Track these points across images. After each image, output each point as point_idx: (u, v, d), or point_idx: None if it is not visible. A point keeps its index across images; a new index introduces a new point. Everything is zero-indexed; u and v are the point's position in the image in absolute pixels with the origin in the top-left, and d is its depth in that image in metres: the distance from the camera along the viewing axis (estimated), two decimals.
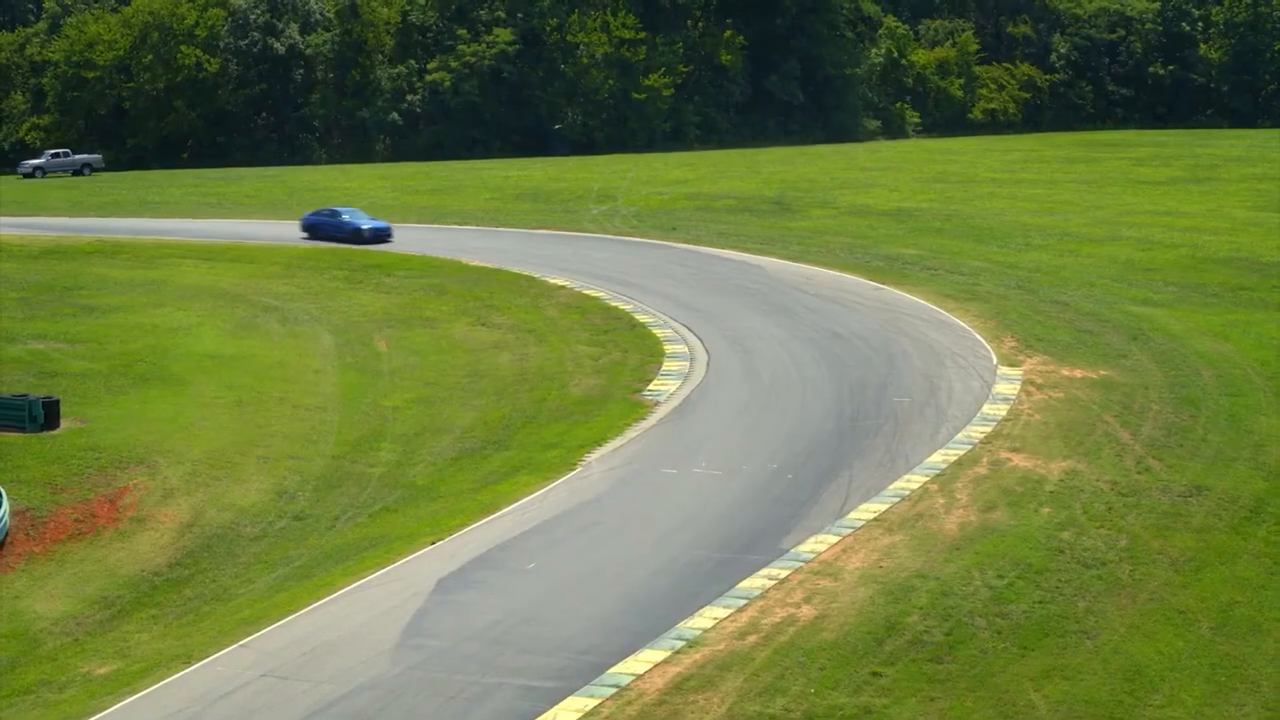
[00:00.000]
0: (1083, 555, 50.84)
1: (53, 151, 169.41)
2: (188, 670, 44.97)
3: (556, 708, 41.15)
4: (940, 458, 59.51)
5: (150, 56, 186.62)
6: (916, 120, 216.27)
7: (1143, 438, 61.53)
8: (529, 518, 55.17)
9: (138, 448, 63.04)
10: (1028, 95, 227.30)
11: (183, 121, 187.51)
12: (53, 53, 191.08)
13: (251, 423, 67.01)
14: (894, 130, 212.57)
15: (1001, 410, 64.80)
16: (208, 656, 45.60)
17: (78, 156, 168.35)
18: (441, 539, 53.67)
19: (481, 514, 55.88)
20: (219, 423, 66.70)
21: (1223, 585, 49.19)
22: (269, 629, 47.41)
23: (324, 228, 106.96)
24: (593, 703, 41.59)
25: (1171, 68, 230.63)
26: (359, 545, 54.77)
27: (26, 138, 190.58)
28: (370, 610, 48.39)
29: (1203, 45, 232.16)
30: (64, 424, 64.60)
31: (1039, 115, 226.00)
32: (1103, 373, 69.78)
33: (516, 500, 56.97)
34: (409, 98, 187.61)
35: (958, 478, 57.24)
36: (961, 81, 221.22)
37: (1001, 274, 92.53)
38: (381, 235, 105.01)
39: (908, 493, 55.99)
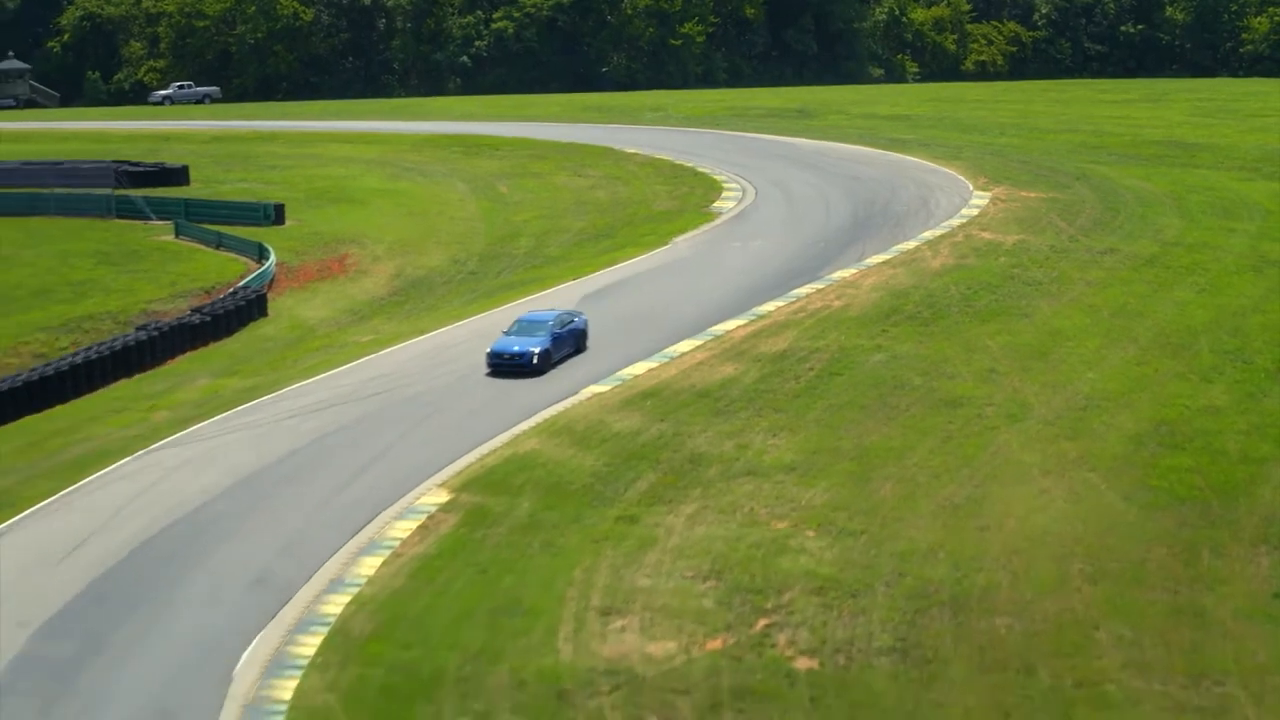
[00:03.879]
0: (1026, 279, 71.70)
1: (178, 84, 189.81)
2: (421, 338, 65.89)
3: (674, 345, 62.22)
4: (929, 234, 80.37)
5: (253, 8, 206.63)
6: (915, 69, 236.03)
7: (1076, 225, 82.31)
8: (638, 268, 76.06)
9: (346, 235, 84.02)
10: (1013, 49, 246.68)
11: (280, 64, 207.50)
12: (167, 4, 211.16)
13: (423, 225, 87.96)
14: (895, 78, 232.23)
15: (974, 212, 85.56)
16: (433, 331, 66.64)
17: (199, 89, 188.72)
18: (579, 277, 74.71)
19: (603, 267, 76.75)
20: (399, 224, 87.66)
21: (1120, 295, 69.99)
22: (470, 319, 68.36)
23: None
24: (700, 341, 62.67)
25: (1141, 27, 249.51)
26: (519, 284, 75.77)
27: (144, 79, 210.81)
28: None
29: (1169, 8, 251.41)
30: (288, 222, 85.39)
31: (1023, 68, 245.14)
32: (1051, 195, 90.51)
33: (627, 260, 77.81)
34: (476, 43, 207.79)
35: (941, 243, 78.15)
36: (955, 37, 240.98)
37: (980, 149, 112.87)
38: None
39: (905, 250, 76.84)
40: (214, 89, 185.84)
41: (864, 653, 40.39)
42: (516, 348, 59.10)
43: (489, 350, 59.15)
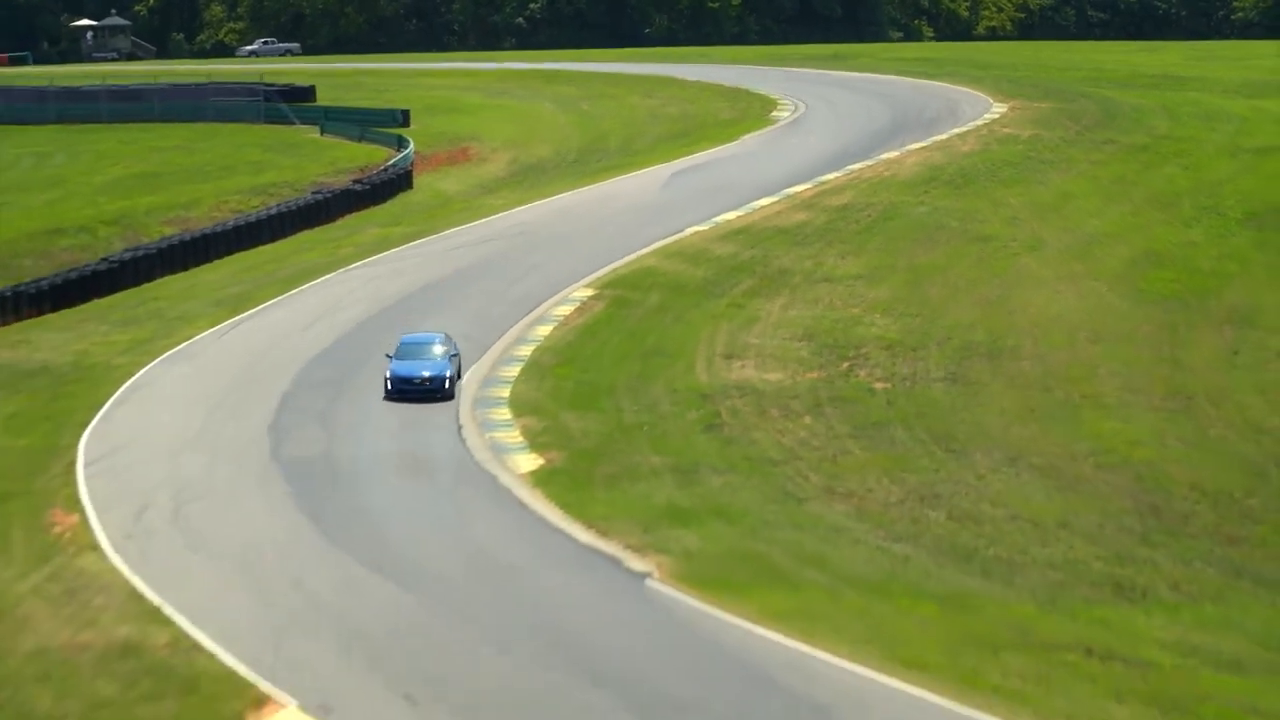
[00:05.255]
0: (1040, 159, 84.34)
1: (263, 40, 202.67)
2: (546, 200, 78.81)
3: (754, 201, 74.94)
4: (958, 130, 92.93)
5: None
6: (931, 34, 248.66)
7: (1080, 124, 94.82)
8: (715, 156, 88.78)
9: (464, 134, 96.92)
10: (1022, 16, 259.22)
11: (350, 25, 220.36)
12: None
13: (524, 128, 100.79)
14: (913, 41, 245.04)
15: (995, 116, 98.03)
16: (555, 196, 79.45)
17: (281, 44, 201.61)
18: (667, 162, 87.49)
19: (685, 155, 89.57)
20: (505, 127, 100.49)
21: (1118, 170, 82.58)
22: (586, 188, 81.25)
23: None
24: (776, 198, 75.51)
25: None
26: (616, 167, 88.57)
27: (224, 39, 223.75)
28: (637, 184, 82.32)
29: None
30: (413, 125, 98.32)
31: (1030, 33, 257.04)
32: (1060, 105, 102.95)
33: (704, 151, 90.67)
34: (531, 5, 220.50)
35: (968, 135, 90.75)
36: (968, 4, 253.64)
37: (997, 78, 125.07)
38: None
39: (939, 140, 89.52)
40: (295, 45, 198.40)
41: (924, 380, 53.16)
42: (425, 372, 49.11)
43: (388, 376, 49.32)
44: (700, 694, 28.29)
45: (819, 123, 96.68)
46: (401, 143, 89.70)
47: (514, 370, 51.97)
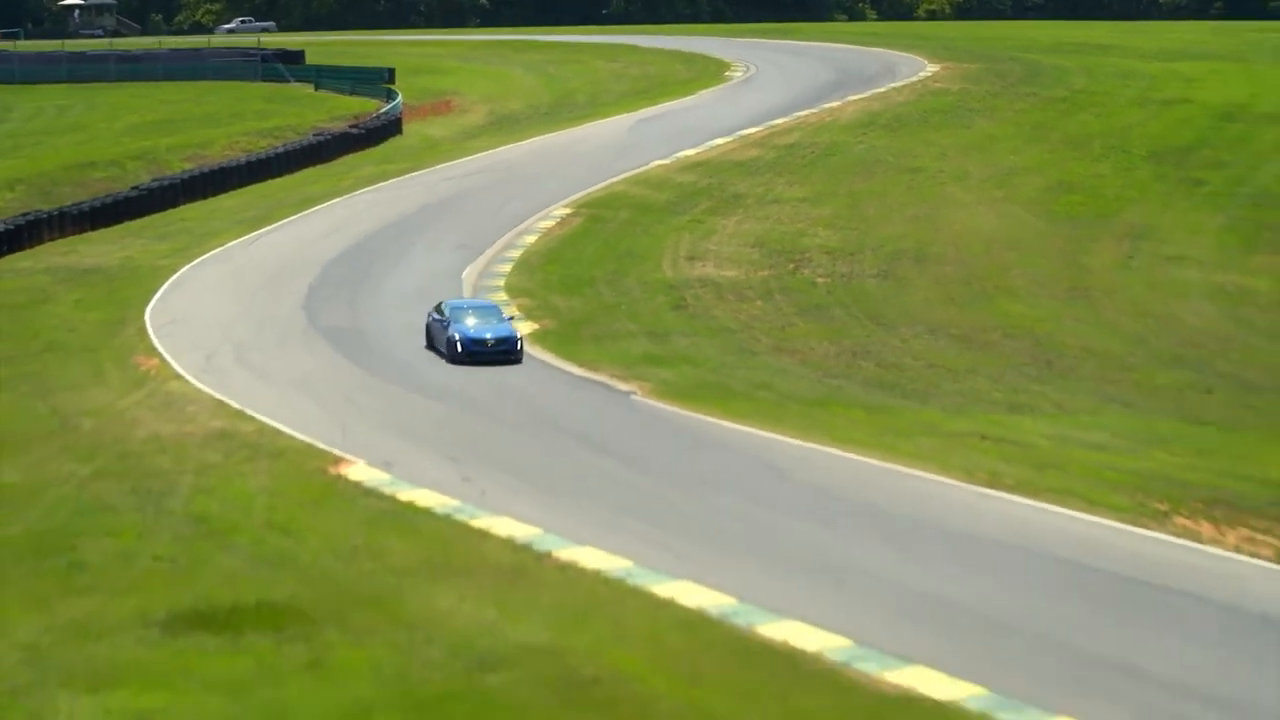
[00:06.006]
0: (968, 108, 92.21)
1: (241, 19, 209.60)
2: (525, 141, 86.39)
3: (711, 141, 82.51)
4: (893, 85, 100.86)
5: None
6: (874, 15, 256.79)
7: (1006, 81, 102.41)
8: (674, 107, 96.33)
9: (445, 90, 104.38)
10: (960, 0, 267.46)
11: (322, 5, 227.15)
12: None
13: (499, 86, 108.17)
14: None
15: (928, 74, 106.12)
16: (532, 138, 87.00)
17: (258, 23, 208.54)
18: (631, 112, 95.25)
19: (647, 107, 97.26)
20: (482, 85, 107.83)
21: (1038, 116, 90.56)
22: (561, 132, 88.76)
23: None
24: (730, 138, 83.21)
25: None
26: (586, 117, 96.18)
27: (201, 20, 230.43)
28: (604, 129, 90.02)
29: None
30: (397, 83, 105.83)
31: (968, 15, 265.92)
32: (989, 66, 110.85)
33: (665, 103, 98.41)
34: None
35: (904, 89, 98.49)
36: None
37: (933, 46, 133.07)
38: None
39: (877, 92, 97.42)
40: (271, 24, 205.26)
41: (860, 277, 61.05)
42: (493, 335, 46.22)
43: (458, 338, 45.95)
44: (678, 459, 36.18)
45: (770, 80, 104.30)
46: (390, 95, 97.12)
47: (506, 267, 59.60)
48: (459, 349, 45.13)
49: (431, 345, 46.88)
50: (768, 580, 27.84)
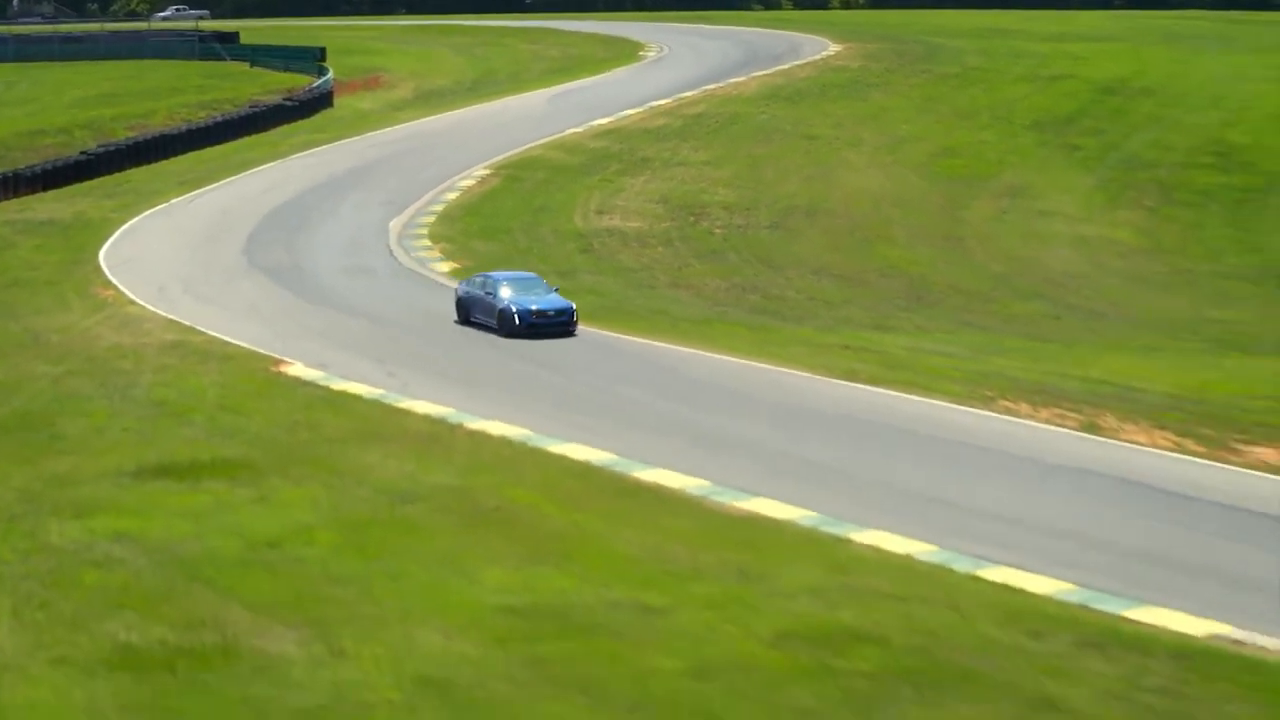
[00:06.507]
0: (866, 82, 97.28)
1: (176, 7, 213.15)
2: (450, 113, 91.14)
3: (623, 111, 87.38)
4: (796, 63, 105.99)
5: None
6: (790, 6, 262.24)
7: (904, 59, 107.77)
8: (588, 83, 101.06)
9: (374, 68, 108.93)
10: None
11: None
12: None
13: (426, 65, 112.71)
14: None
15: (831, 53, 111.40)
16: (456, 110, 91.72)
17: (192, 11, 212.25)
18: (549, 88, 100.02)
19: (564, 83, 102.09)
20: (409, 64, 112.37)
21: (931, 91, 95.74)
22: (482, 105, 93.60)
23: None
24: (641, 109, 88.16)
25: None
26: (508, 92, 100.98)
27: (136, 8, 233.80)
28: (523, 102, 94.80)
29: None
30: (328, 62, 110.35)
31: (884, 5, 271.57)
32: (890, 46, 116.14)
33: (580, 80, 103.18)
34: None
35: (806, 66, 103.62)
36: None
37: (841, 31, 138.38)
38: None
39: (781, 69, 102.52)
40: (204, 11, 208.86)
41: (754, 228, 66.05)
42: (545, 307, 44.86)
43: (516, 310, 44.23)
44: (579, 360, 41.17)
45: (682, 59, 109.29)
46: (321, 71, 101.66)
47: (430, 219, 64.34)
48: (517, 321, 43.41)
49: (467, 319, 45.18)
50: (647, 442, 32.78)
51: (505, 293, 44.14)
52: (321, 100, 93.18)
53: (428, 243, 58.93)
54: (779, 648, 22.13)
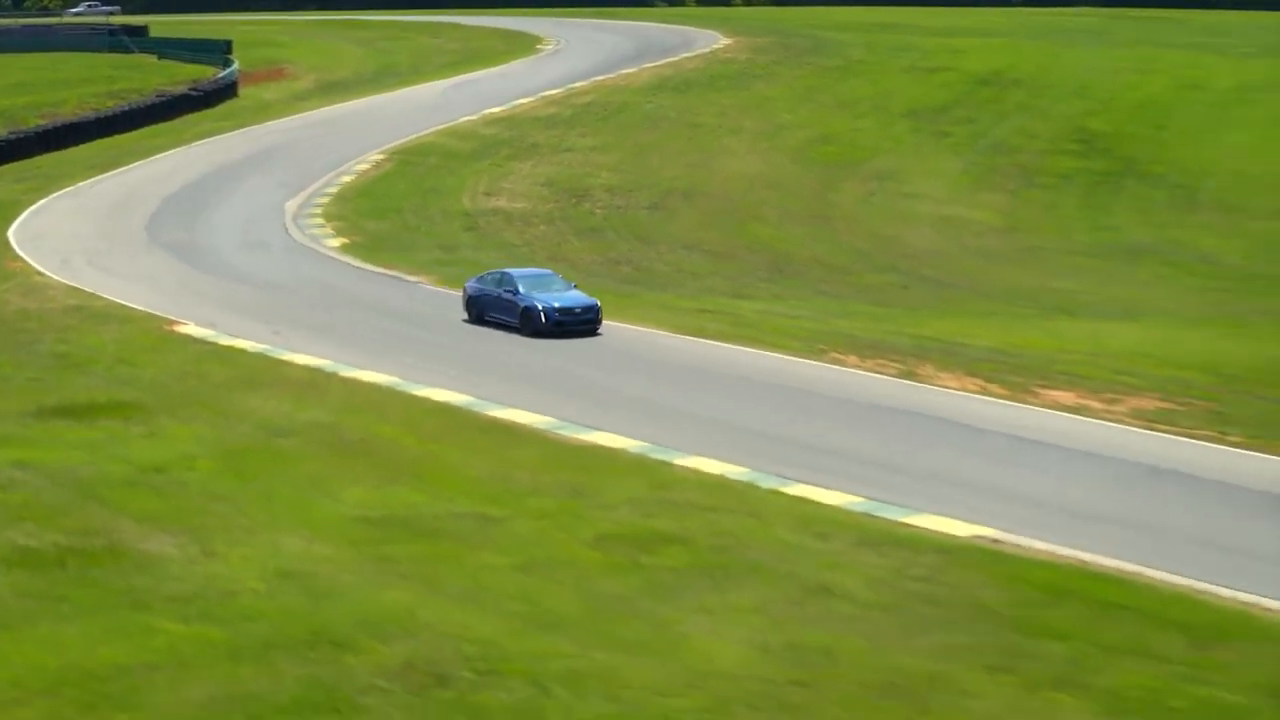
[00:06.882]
0: (752, 74, 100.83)
1: (88, 3, 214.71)
2: (347, 103, 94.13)
3: (516, 101, 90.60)
4: (686, 55, 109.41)
5: None
6: (692, 2, 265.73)
7: (790, 52, 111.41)
8: (485, 74, 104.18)
9: (278, 60, 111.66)
10: None
11: None
12: None
13: (328, 58, 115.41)
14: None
15: (720, 46, 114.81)
16: (354, 100, 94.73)
17: (104, 6, 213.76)
18: (448, 79, 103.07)
19: (462, 74, 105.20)
20: (312, 57, 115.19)
21: (813, 83, 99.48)
22: (382, 95, 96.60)
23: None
24: (534, 98, 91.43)
25: None
26: (408, 83, 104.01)
27: (48, 4, 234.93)
28: (420, 92, 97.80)
29: None
30: (234, 54, 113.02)
31: (785, 2, 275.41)
32: (779, 40, 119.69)
33: (477, 71, 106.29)
34: None
35: (696, 58, 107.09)
36: None
37: (735, 26, 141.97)
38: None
39: (671, 61, 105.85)
40: (116, 6, 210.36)
41: (634, 209, 69.29)
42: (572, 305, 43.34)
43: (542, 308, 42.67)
44: (449, 321, 44.37)
45: (577, 52, 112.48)
46: (227, 63, 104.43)
47: (324, 200, 67.30)
48: (543, 319, 41.95)
49: (482, 318, 43.77)
50: (502, 387, 36.09)
51: (529, 291, 42.75)
52: (226, 91, 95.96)
53: (321, 221, 61.88)
54: (598, 548, 25.34)
